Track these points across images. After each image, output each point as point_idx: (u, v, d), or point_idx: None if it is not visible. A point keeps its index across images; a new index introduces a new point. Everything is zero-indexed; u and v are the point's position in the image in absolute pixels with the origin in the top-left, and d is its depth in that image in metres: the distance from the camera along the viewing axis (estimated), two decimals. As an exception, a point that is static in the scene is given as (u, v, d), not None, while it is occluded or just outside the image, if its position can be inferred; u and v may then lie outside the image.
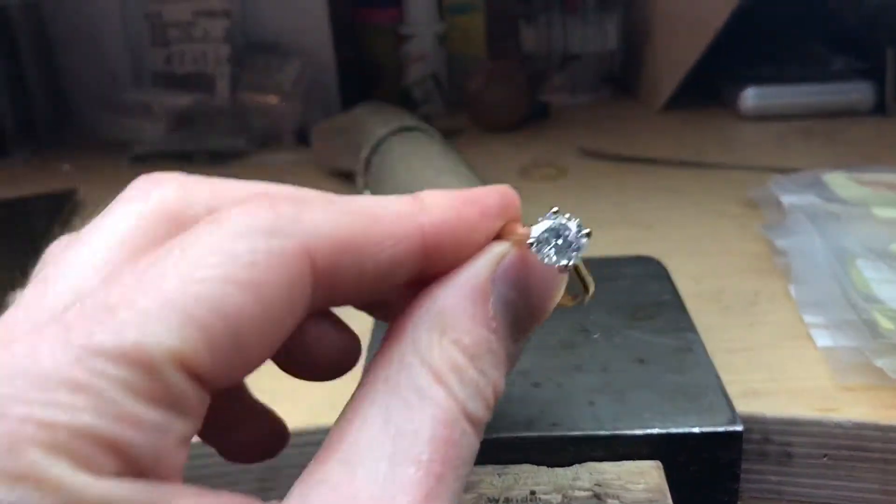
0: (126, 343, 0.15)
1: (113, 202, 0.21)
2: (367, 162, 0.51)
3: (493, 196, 0.22)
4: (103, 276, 0.18)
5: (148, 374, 0.15)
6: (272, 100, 0.83)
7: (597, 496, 0.24)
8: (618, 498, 0.24)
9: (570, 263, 0.21)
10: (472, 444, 0.19)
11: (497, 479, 0.25)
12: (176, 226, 0.20)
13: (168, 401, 0.16)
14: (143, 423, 0.15)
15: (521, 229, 0.22)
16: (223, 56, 0.84)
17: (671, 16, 0.85)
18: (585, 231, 0.21)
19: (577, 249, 0.21)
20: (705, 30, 0.77)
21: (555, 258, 0.21)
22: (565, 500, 0.24)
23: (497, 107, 0.80)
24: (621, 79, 0.95)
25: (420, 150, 0.47)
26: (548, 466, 0.25)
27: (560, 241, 0.21)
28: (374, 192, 0.49)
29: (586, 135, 0.78)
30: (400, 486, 0.17)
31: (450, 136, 0.78)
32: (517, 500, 0.24)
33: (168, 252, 0.17)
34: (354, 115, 0.61)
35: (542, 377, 0.28)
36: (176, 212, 0.20)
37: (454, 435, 0.18)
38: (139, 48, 0.88)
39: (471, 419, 0.18)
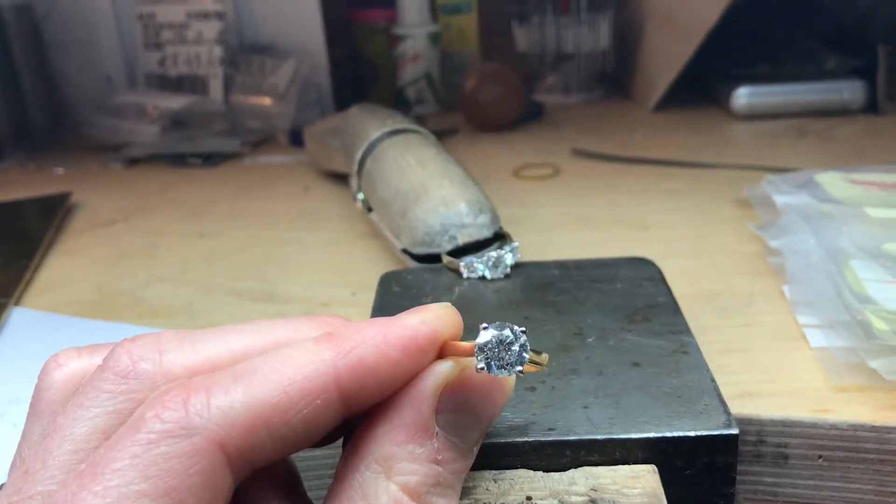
0: None
1: (83, 388, 0.22)
2: (361, 164, 0.51)
3: (422, 328, 0.22)
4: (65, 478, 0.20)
5: None
6: (266, 101, 0.83)
7: (593, 501, 0.24)
8: (614, 502, 0.24)
9: (521, 370, 0.22)
10: None
11: (493, 484, 0.25)
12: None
13: None
14: None
15: (463, 347, 0.22)
16: (217, 58, 0.84)
17: (664, 15, 0.85)
18: (521, 329, 0.22)
19: (523, 352, 0.22)
20: (698, 29, 0.77)
21: (505, 370, 0.22)
22: (561, 505, 0.24)
23: (491, 107, 0.80)
24: (615, 78, 0.95)
25: (414, 152, 0.47)
26: (544, 471, 0.25)
27: (505, 352, 0.22)
28: (368, 194, 0.49)
29: (580, 134, 0.78)
30: None
31: (444, 135, 0.78)
32: (513, 505, 0.24)
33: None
34: (348, 116, 0.60)
35: (536, 381, 0.28)
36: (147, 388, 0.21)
37: None
38: (133, 50, 0.88)
39: None
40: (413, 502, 0.20)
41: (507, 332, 0.22)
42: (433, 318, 0.22)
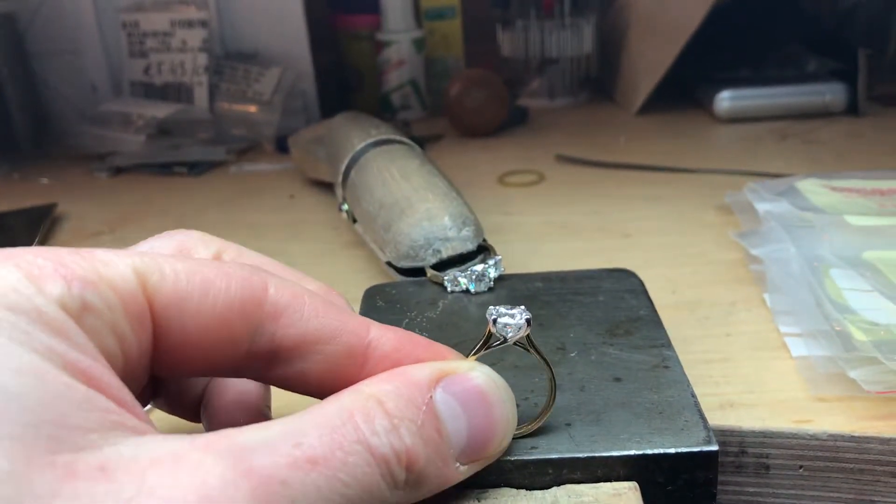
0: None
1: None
2: (345, 175, 0.51)
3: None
4: None
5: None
6: (251, 109, 0.83)
7: (575, 519, 0.24)
8: (596, 520, 0.24)
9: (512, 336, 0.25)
10: (360, 473, 0.20)
11: (476, 503, 0.25)
12: None
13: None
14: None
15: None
16: (201, 65, 0.84)
17: (646, 19, 0.85)
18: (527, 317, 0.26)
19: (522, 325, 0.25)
20: (680, 33, 0.77)
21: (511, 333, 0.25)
22: (544, 522, 0.25)
23: (475, 112, 0.80)
24: (599, 82, 0.96)
25: (398, 164, 0.47)
26: (527, 489, 0.25)
27: (510, 317, 0.25)
28: (352, 205, 0.50)
29: (564, 139, 0.78)
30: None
31: (429, 141, 0.78)
32: (497, 523, 0.25)
33: None
34: (332, 125, 0.61)
35: (519, 397, 0.29)
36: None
37: (341, 449, 0.19)
38: (117, 59, 0.88)
39: (371, 451, 0.20)
40: (389, 418, 0.21)
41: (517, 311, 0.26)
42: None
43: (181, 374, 0.23)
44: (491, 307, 0.26)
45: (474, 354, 0.25)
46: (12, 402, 0.16)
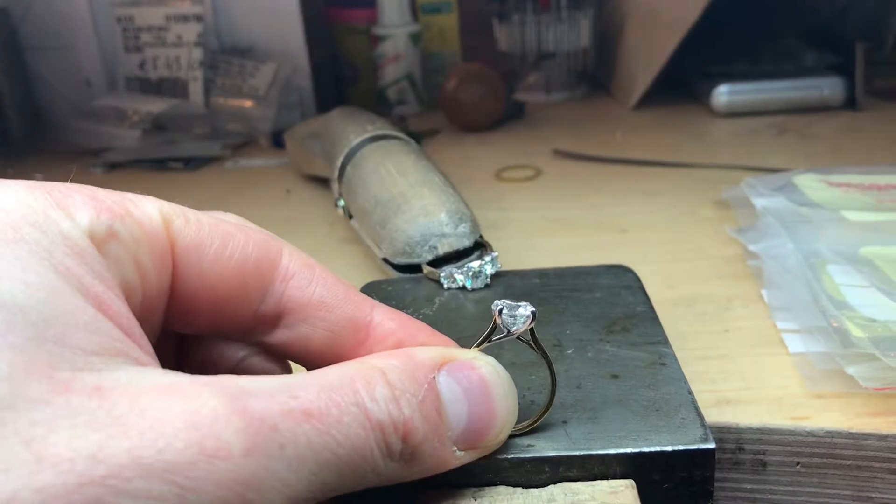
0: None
1: None
2: (341, 170, 0.51)
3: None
4: None
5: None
6: (247, 104, 0.83)
7: (571, 517, 0.24)
8: (592, 518, 0.24)
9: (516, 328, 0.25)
10: (350, 433, 0.20)
11: (473, 501, 0.25)
12: None
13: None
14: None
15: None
16: (196, 60, 0.84)
17: (644, 13, 0.85)
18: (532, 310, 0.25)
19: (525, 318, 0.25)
20: (678, 27, 0.77)
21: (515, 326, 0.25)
22: (541, 521, 0.25)
23: (472, 107, 0.80)
24: (596, 76, 0.96)
25: (394, 160, 0.47)
26: (523, 488, 0.25)
27: (516, 311, 0.25)
28: (348, 201, 0.49)
29: (561, 134, 0.78)
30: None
31: (426, 136, 0.78)
32: (493, 522, 0.25)
33: None
34: (328, 120, 0.60)
35: (517, 395, 0.29)
36: None
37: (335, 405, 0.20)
38: (112, 54, 0.87)
39: (367, 415, 0.20)
40: (390, 389, 0.21)
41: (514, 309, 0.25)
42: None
43: (193, 328, 0.24)
44: (497, 300, 0.26)
45: (478, 346, 0.25)
46: (19, 314, 0.17)
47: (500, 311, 0.25)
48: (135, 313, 0.20)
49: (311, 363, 0.25)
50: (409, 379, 0.21)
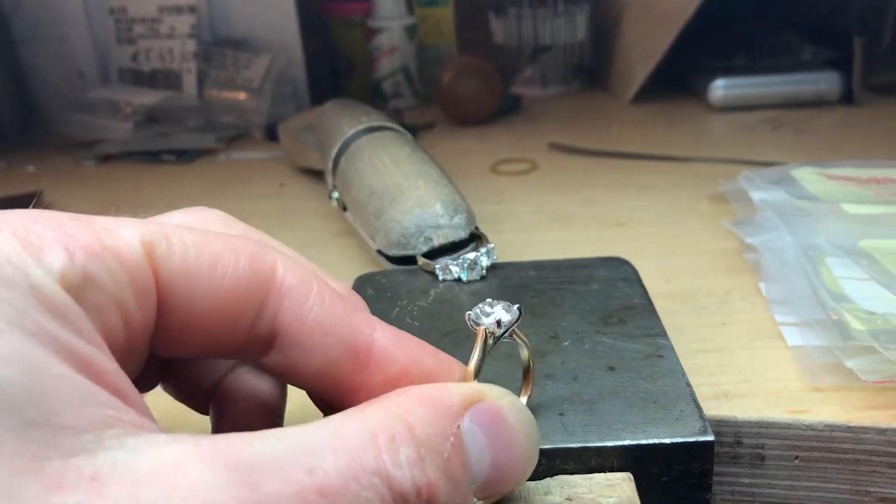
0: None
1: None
2: (336, 162, 0.50)
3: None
4: None
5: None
6: (240, 96, 0.82)
7: (568, 511, 0.24)
8: (589, 511, 0.24)
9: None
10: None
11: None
12: None
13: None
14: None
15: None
16: (190, 52, 0.83)
17: (641, 6, 0.85)
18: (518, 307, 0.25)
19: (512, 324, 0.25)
20: (674, 21, 0.77)
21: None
22: (537, 514, 0.24)
23: (468, 100, 0.79)
24: (592, 70, 0.95)
25: (389, 151, 0.46)
26: (519, 480, 0.25)
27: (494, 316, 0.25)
28: (343, 193, 0.49)
29: (557, 127, 0.78)
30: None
31: (421, 129, 0.77)
32: (489, 514, 0.24)
33: None
34: (323, 112, 0.60)
35: (513, 387, 0.28)
36: None
37: (355, 482, 0.17)
38: (105, 45, 0.87)
39: (390, 485, 0.18)
40: (415, 446, 0.19)
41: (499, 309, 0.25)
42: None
43: (181, 352, 0.22)
44: (467, 313, 0.25)
45: (476, 369, 0.24)
46: None
47: (476, 323, 0.24)
48: (119, 355, 0.18)
49: (306, 387, 0.23)
50: (436, 433, 0.19)
